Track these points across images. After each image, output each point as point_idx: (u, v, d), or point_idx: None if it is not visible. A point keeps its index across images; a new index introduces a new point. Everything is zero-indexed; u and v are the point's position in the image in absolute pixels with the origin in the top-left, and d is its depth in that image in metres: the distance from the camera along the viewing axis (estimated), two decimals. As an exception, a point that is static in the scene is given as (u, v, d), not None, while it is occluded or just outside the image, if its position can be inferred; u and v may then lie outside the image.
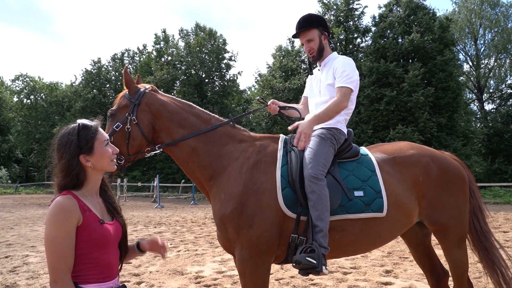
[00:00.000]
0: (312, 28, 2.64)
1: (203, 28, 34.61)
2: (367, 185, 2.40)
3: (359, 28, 25.16)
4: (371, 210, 2.34)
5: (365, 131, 21.49)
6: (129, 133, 2.48)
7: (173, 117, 2.53)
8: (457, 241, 2.62)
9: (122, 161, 2.49)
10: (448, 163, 2.67)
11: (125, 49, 43.07)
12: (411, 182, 2.52)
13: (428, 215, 2.56)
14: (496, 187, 20.55)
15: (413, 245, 3.03)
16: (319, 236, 2.18)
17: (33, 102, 44.86)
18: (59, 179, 1.57)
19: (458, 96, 22.18)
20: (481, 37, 34.68)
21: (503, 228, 9.24)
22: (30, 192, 31.58)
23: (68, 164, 1.56)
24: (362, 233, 2.37)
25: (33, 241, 8.05)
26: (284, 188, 2.29)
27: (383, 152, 2.64)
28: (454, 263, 2.66)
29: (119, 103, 2.56)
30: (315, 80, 2.83)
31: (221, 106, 31.90)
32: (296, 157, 2.40)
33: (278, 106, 2.82)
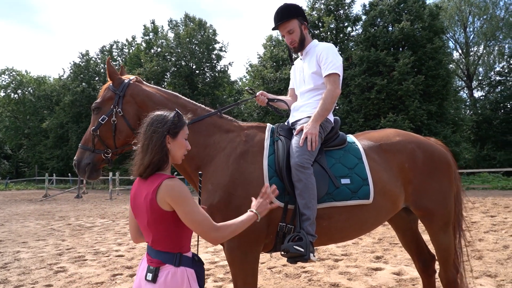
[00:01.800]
0: (291, 19, 2.61)
1: (192, 19, 34.19)
2: (354, 172, 2.42)
3: (349, 17, 25.10)
4: (358, 197, 2.37)
5: (356, 120, 21.60)
6: (115, 125, 2.46)
7: (158, 108, 2.51)
8: (442, 225, 2.67)
9: (109, 154, 2.48)
10: (434, 149, 2.71)
11: (113, 41, 42.46)
12: (397, 169, 2.55)
13: (414, 201, 2.60)
14: (484, 173, 20.89)
15: (400, 231, 3.08)
16: (306, 224, 2.20)
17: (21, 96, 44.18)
18: (153, 154, 1.72)
19: (448, 84, 22.37)
20: (471, 25, 34.87)
21: (491, 213, 9.42)
22: (20, 188, 31.26)
23: (160, 139, 1.75)
24: (349, 220, 2.40)
25: (24, 237, 8.00)
26: (271, 177, 2.31)
27: (370, 139, 2.67)
28: (440, 247, 2.72)
29: (104, 96, 2.53)
30: (298, 70, 2.83)
31: (212, 97, 31.72)
32: (283, 146, 2.41)
33: (266, 98, 2.81)
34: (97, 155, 2.46)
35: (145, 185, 1.75)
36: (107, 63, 2.56)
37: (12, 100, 43.95)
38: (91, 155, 2.45)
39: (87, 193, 23.21)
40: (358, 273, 4.65)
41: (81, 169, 2.45)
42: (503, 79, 30.85)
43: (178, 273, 1.71)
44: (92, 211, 13.25)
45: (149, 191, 1.70)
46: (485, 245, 5.93)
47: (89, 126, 2.53)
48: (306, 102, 2.66)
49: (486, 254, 5.35)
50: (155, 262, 1.72)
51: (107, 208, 14.04)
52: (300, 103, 2.71)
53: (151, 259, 1.75)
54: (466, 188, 17.94)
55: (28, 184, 34.54)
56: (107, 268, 5.27)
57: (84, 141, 2.50)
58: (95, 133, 2.45)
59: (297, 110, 2.70)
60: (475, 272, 4.53)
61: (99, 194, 23.45)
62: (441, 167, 2.66)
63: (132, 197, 1.81)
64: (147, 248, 1.81)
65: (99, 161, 2.48)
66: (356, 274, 4.61)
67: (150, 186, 1.71)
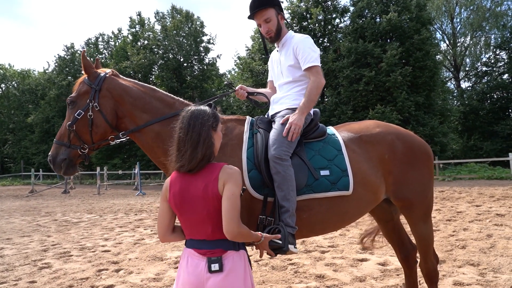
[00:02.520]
0: (268, 7, 2.55)
1: (179, 11, 33.78)
2: (333, 164, 2.42)
3: (337, 8, 25.10)
4: (337, 188, 2.38)
5: (345, 112, 21.72)
6: (91, 120, 2.41)
7: (136, 102, 2.47)
8: (422, 215, 2.70)
9: (86, 149, 2.43)
10: (414, 140, 2.73)
11: (99, 33, 41.76)
12: (377, 160, 2.56)
13: (394, 192, 2.62)
14: (471, 163, 21.25)
15: (382, 222, 3.11)
16: (285, 216, 2.20)
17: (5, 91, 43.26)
18: (204, 148, 1.79)
19: (435, 75, 22.62)
20: (457, 16, 35.18)
21: (476, 202, 9.60)
22: (6, 184, 30.74)
23: (209, 133, 1.82)
24: (330, 212, 2.40)
25: (9, 233, 7.89)
26: (250, 170, 2.29)
27: (350, 131, 2.67)
28: (420, 237, 2.75)
29: (79, 90, 2.47)
30: (276, 63, 2.80)
31: (201, 91, 31.51)
32: (262, 139, 2.40)
33: (246, 91, 2.78)
34: (73, 150, 2.41)
35: (198, 177, 1.79)
36: (82, 56, 2.51)
37: (-5, 95, 43.07)
38: (67, 150, 2.41)
39: (75, 188, 22.96)
40: (344, 264, 4.70)
41: (56, 164, 2.41)
42: (490, 69, 31.31)
43: (240, 256, 1.82)
44: (79, 206, 13.12)
45: (209, 180, 1.76)
46: (469, 234, 6.04)
47: (64, 120, 2.48)
48: (285, 94, 2.65)
49: (470, 243, 5.46)
50: (217, 252, 1.78)
51: (95, 203, 13.92)
52: (279, 95, 2.69)
53: (210, 250, 1.78)
54: (453, 179, 18.24)
55: (14, 180, 34.01)
56: (92, 263, 5.24)
57: (59, 136, 2.44)
58: (71, 128, 2.40)
59: (276, 103, 2.68)
60: (458, 261, 4.62)
61: (87, 189, 23.22)
62: (421, 157, 2.68)
63: (177, 194, 1.81)
64: (190, 244, 1.83)
65: (75, 157, 2.43)
66: (342, 265, 4.66)
67: (208, 176, 1.77)
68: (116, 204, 13.32)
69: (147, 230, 7.81)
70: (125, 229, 8.03)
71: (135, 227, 8.24)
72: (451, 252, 5.05)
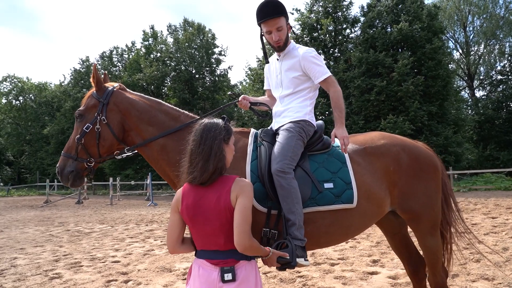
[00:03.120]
0: (282, 16, 2.54)
1: (191, 23, 34.35)
2: (337, 176, 2.41)
3: (347, 19, 25.13)
4: (341, 201, 2.36)
5: (357, 122, 21.58)
6: (99, 133, 2.47)
7: (142, 116, 2.52)
8: (429, 228, 2.66)
9: (92, 163, 2.48)
10: (419, 152, 2.69)
11: (113, 46, 42.70)
12: (381, 172, 2.54)
13: (400, 204, 2.59)
14: (487, 173, 20.77)
15: (389, 234, 3.07)
16: (293, 229, 2.20)
17: (22, 103, 44.44)
18: (216, 161, 1.82)
19: (448, 84, 22.33)
20: (470, 24, 34.84)
21: (492, 214, 9.37)
22: (22, 194, 31.36)
23: (220, 146, 1.85)
24: (334, 225, 2.39)
25: (22, 243, 8.02)
26: (254, 182, 2.29)
27: (355, 143, 2.66)
28: (428, 251, 2.70)
29: (87, 103, 2.54)
30: (275, 71, 2.79)
31: (212, 102, 31.79)
32: (265, 151, 2.41)
33: (249, 101, 2.80)
34: (80, 163, 2.47)
35: (210, 189, 1.83)
36: (94, 69, 2.56)
37: (13, 107, 44.22)
38: (74, 163, 2.46)
39: (88, 199, 23.25)
40: (353, 278, 4.63)
41: (64, 176, 2.46)
42: (505, 78, 30.79)
43: (252, 265, 1.88)
44: (92, 216, 13.27)
45: (222, 193, 1.80)
46: (484, 247, 5.88)
47: (73, 133, 2.54)
48: (287, 107, 2.64)
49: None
50: (230, 262, 1.83)
51: (107, 214, 14.06)
52: (281, 108, 2.69)
53: (223, 260, 1.82)
54: (469, 189, 17.86)
55: (30, 190, 34.66)
56: (102, 274, 5.27)
57: (67, 148, 2.50)
58: (79, 142, 2.46)
59: (279, 116, 2.69)
60: (472, 275, 4.50)
61: (100, 199, 23.49)
62: (427, 169, 2.65)
63: (190, 205, 1.84)
64: (202, 255, 1.86)
65: (82, 169, 2.48)
66: (351, 279, 4.59)
67: (221, 189, 1.82)
68: (128, 215, 13.43)
69: (157, 241, 7.84)
70: (135, 239, 8.08)
71: (146, 237, 8.28)
72: (464, 266, 4.93)
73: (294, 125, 2.51)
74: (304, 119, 2.56)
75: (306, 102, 2.61)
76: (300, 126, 2.50)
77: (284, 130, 2.50)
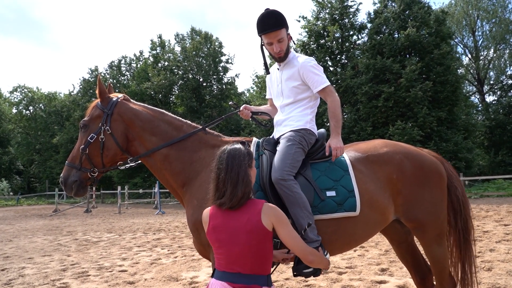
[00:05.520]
0: (283, 28, 2.58)
1: (198, 32, 34.76)
2: (340, 184, 2.41)
3: (354, 25, 25.19)
4: (344, 209, 2.36)
5: (364, 128, 21.50)
6: (103, 143, 2.51)
7: (145, 126, 2.56)
8: (435, 237, 2.63)
9: (96, 173, 2.52)
10: (423, 159, 2.68)
11: (122, 56, 43.23)
12: (384, 180, 2.53)
13: (405, 212, 2.57)
14: (499, 179, 20.45)
15: (395, 243, 3.04)
16: (307, 233, 2.22)
17: (32, 113, 45.18)
18: (243, 187, 1.89)
19: (457, 89, 22.18)
20: (479, 29, 34.64)
21: (505, 221, 9.21)
22: (31, 203, 31.71)
23: (246, 172, 1.93)
24: (336, 233, 2.38)
25: (31, 252, 8.09)
26: (256, 191, 2.31)
27: (357, 151, 2.66)
28: (434, 260, 2.67)
29: (92, 114, 2.59)
30: (276, 80, 2.82)
31: (220, 110, 31.97)
32: (267, 160, 2.42)
33: (250, 111, 2.83)
34: (83, 173, 2.51)
35: (239, 212, 1.89)
36: (98, 81, 2.62)
37: (23, 117, 44.98)
38: (78, 172, 2.50)
39: (96, 208, 23.42)
40: (361, 287, 4.58)
41: (68, 186, 2.50)
42: (515, 83, 30.43)
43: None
44: (100, 225, 13.35)
45: (251, 215, 1.86)
46: (496, 255, 5.78)
47: (77, 143, 2.58)
48: (288, 116, 2.66)
49: (496, 265, 5.22)
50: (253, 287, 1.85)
51: (115, 223, 14.13)
52: (282, 117, 2.71)
53: (246, 286, 1.84)
54: (480, 196, 17.59)
55: (39, 199, 35.05)
56: (109, 283, 5.30)
57: (72, 158, 2.55)
58: (84, 152, 2.50)
59: (280, 125, 2.71)
60: (483, 284, 4.42)
61: (108, 208, 23.64)
62: (432, 177, 2.63)
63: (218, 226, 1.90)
64: (223, 277, 1.88)
65: (85, 179, 2.53)
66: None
67: (249, 211, 1.88)
68: (136, 223, 13.48)
69: (164, 249, 7.85)
70: (142, 248, 8.11)
71: (153, 246, 8.31)
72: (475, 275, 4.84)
73: (295, 133, 2.53)
74: (305, 127, 2.58)
75: (306, 111, 2.63)
76: (300, 135, 2.52)
77: (284, 139, 2.52)
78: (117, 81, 38.07)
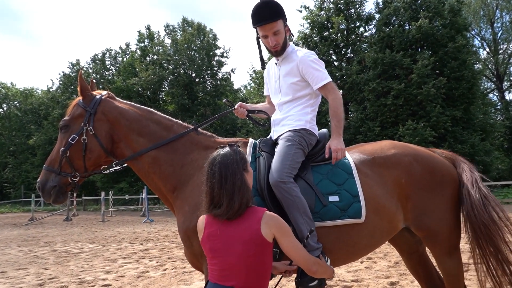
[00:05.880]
0: (279, 19, 2.58)
1: (191, 23, 34.80)
2: (343, 189, 2.43)
3: (361, 16, 25.27)
4: (348, 216, 2.37)
5: (372, 128, 21.55)
6: (85, 145, 2.51)
7: (132, 125, 2.56)
8: (448, 248, 2.64)
9: (77, 178, 2.52)
10: (435, 162, 2.70)
11: (106, 49, 43.31)
12: (392, 184, 2.55)
13: (414, 220, 2.59)
14: (521, 184, 20.56)
15: (405, 254, 3.06)
16: (308, 241, 2.23)
17: (6, 111, 44.98)
18: (240, 196, 1.89)
19: (474, 86, 22.26)
20: (498, 20, 34.80)
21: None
22: (5, 211, 31.50)
23: (242, 179, 1.93)
24: (339, 242, 2.40)
25: (3, 266, 8.06)
26: (252, 197, 2.33)
27: (362, 152, 2.68)
28: (447, 272, 2.68)
29: (73, 113, 2.59)
30: (273, 76, 2.84)
31: (214, 108, 31.98)
32: (264, 163, 2.44)
33: (246, 109, 2.84)
34: (63, 178, 2.51)
35: (235, 221, 1.89)
36: (79, 77, 2.62)
37: (-4, 115, 44.79)
38: (57, 177, 2.50)
39: (78, 215, 23.36)
40: (368, 302, 4.60)
41: (46, 192, 2.50)
42: (538, 79, 30.61)
43: None
44: (81, 235, 13.32)
45: (250, 224, 1.87)
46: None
47: (56, 145, 2.58)
48: (286, 115, 2.68)
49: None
50: None
51: (98, 232, 14.10)
52: (280, 116, 2.73)
53: None
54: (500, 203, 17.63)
55: (13, 207, 34.82)
56: (91, 299, 5.30)
57: (50, 161, 2.55)
58: (64, 154, 2.50)
59: (278, 125, 2.73)
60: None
61: (91, 216, 23.58)
62: (444, 181, 2.64)
63: (213, 235, 1.91)
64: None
65: (65, 184, 2.52)
66: (365, 303, 4.56)
67: (248, 220, 1.89)
68: (121, 233, 13.46)
69: (152, 261, 7.85)
70: (128, 260, 8.10)
71: (140, 258, 8.30)
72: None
73: (294, 134, 2.54)
74: (305, 127, 2.60)
75: (306, 110, 2.65)
76: (300, 135, 2.54)
77: (282, 140, 2.53)
78: (101, 77, 38.00)
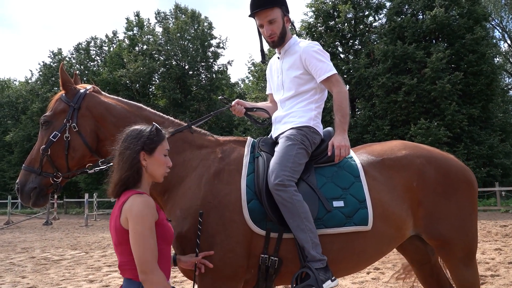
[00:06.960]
0: (275, 7, 2.61)
1: (184, 10, 34.79)
2: (349, 193, 2.44)
3: (370, 4, 25.31)
4: (353, 223, 2.38)
5: (381, 127, 21.58)
6: (68, 142, 2.50)
7: (119, 122, 2.55)
8: (463, 258, 2.65)
9: (59, 178, 2.52)
10: (450, 165, 2.71)
11: (91, 37, 43.12)
12: (402, 188, 2.56)
13: (426, 227, 2.60)
14: (544, 191, 20.58)
15: (416, 264, 3.07)
16: (308, 250, 2.23)
17: (-19, 104, 44.79)
18: (121, 171, 1.94)
19: (493, 82, 22.31)
20: (520, 10, 34.84)
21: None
22: (-21, 214, 31.48)
23: (132, 156, 1.95)
24: (344, 250, 2.40)
25: (-22, 273, 8.06)
26: (250, 200, 2.33)
27: (371, 153, 2.69)
28: (461, 285, 2.69)
29: (55, 108, 2.57)
30: (276, 71, 2.85)
31: (209, 103, 32.00)
32: (263, 163, 2.44)
33: (244, 107, 2.85)
34: (44, 178, 2.50)
35: (116, 204, 1.95)
36: (61, 69, 2.61)
37: (-31, 109, 44.66)
38: (37, 178, 2.49)
39: (58, 219, 23.35)
40: (375, 316, 4.62)
41: (25, 194, 2.48)
42: (562, 75, 30.67)
43: None
44: (63, 240, 13.32)
45: (116, 209, 1.91)
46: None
47: (37, 143, 2.58)
48: (289, 111, 2.70)
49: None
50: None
51: (81, 237, 14.11)
52: (282, 113, 2.74)
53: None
54: (520, 210, 17.71)
55: (-11, 208, 34.77)
56: (72, 311, 5.30)
57: (30, 161, 2.54)
58: (45, 153, 2.49)
59: (279, 122, 2.74)
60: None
61: (73, 219, 23.58)
62: (460, 186, 2.65)
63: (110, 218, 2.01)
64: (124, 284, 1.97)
65: (47, 186, 2.51)
66: (372, 317, 4.57)
67: (117, 205, 1.93)
68: (106, 238, 13.46)
69: (139, 270, 7.85)
70: (114, 268, 8.10)
71: (126, 267, 8.30)
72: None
73: (296, 132, 2.55)
74: (308, 125, 2.60)
75: (310, 106, 2.66)
76: (303, 133, 2.54)
77: (284, 138, 2.54)
78: (85, 68, 37.96)
